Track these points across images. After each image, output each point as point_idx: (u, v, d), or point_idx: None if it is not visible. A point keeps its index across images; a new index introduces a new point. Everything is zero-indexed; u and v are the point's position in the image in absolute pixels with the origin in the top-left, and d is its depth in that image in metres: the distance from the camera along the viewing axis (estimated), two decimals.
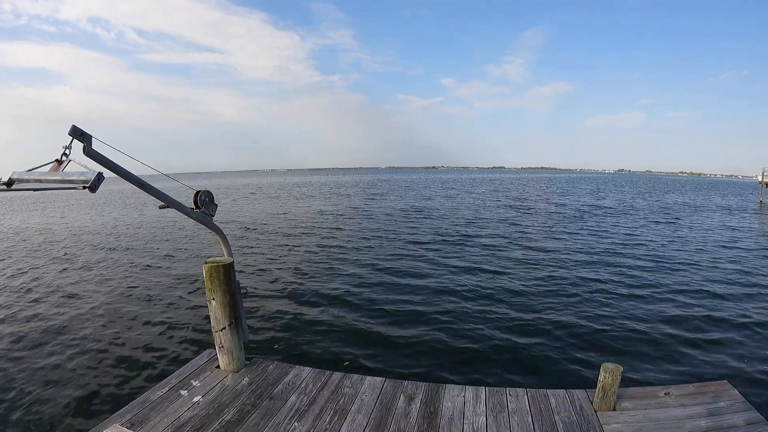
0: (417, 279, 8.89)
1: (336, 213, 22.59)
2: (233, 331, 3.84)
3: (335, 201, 31.24)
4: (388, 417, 3.21)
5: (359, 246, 12.81)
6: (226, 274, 3.74)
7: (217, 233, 3.92)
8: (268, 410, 3.30)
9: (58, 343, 5.94)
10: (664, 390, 3.48)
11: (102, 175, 2.60)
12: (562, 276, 9.06)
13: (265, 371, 3.94)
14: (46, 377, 4.95)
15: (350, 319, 6.68)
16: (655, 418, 3.11)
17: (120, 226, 18.79)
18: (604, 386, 3.21)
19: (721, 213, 23.69)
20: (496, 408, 3.30)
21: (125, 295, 8.13)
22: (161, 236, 15.57)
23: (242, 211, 24.54)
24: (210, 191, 3.71)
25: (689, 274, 9.34)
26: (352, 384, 3.69)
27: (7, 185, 2.66)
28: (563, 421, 3.12)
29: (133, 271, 10.11)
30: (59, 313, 7.16)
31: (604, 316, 6.65)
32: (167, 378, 3.83)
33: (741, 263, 10.52)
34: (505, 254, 11.37)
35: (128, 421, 3.12)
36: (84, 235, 16.18)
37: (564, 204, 28.00)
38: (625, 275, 9.12)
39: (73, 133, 2.51)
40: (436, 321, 6.53)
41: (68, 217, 23.10)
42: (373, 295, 7.81)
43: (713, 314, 6.76)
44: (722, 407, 3.18)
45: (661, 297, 7.62)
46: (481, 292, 7.92)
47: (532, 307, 7.09)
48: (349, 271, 9.71)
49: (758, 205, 30.65)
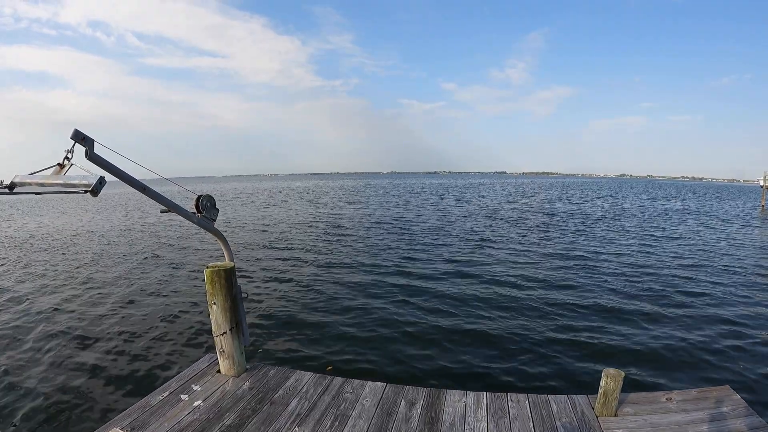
0: (417, 281, 8.88)
1: (338, 218, 22.61)
2: (234, 336, 3.84)
3: (338, 206, 31.28)
4: (389, 422, 3.19)
5: (361, 251, 12.82)
6: (228, 279, 3.73)
7: (219, 237, 3.93)
8: (268, 415, 3.29)
9: (58, 346, 5.94)
10: (665, 395, 3.46)
11: (104, 179, 2.61)
12: (562, 280, 9.06)
13: (266, 376, 3.93)
14: (47, 381, 4.95)
15: (352, 324, 6.67)
16: (657, 424, 3.09)
17: (121, 230, 18.84)
18: (605, 391, 3.19)
19: (721, 219, 23.62)
20: (498, 414, 3.28)
21: (126, 299, 8.13)
22: (162, 240, 15.59)
23: (243, 215, 24.58)
24: (211, 195, 3.72)
25: (689, 274, 9.32)
26: (353, 389, 3.67)
27: (10, 188, 2.68)
28: (565, 426, 3.10)
29: (134, 275, 10.12)
30: (59, 314, 7.17)
31: (605, 320, 6.63)
32: (168, 382, 3.82)
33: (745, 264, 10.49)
34: (508, 258, 11.36)
35: (129, 425, 3.11)
36: (84, 239, 16.23)
37: (563, 208, 27.98)
38: (625, 278, 9.10)
39: (75, 137, 2.52)
40: (438, 324, 6.52)
41: (68, 220, 23.16)
42: (374, 300, 7.80)
43: (712, 317, 6.74)
44: (724, 412, 3.15)
45: (660, 301, 7.59)
46: (483, 297, 7.91)
47: (531, 308, 7.08)
48: (350, 276, 9.70)
49: (760, 209, 30.59)
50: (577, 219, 21.40)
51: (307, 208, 29.54)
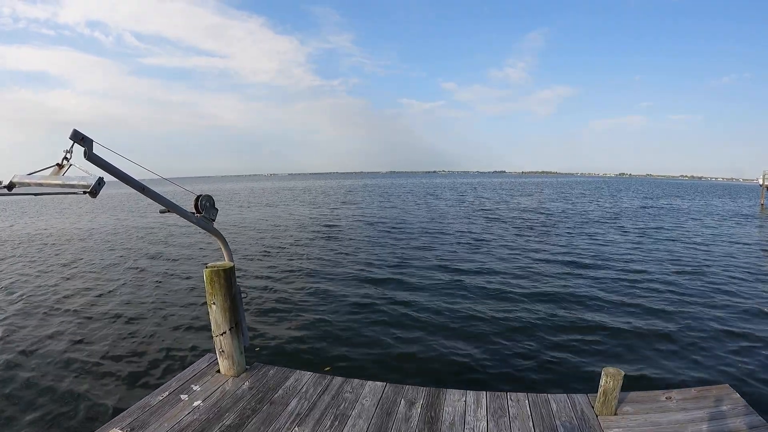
0: (417, 282, 8.88)
1: (336, 218, 22.60)
2: (234, 336, 3.84)
3: (336, 206, 31.26)
4: (388, 422, 3.19)
5: (361, 251, 12.82)
6: (227, 279, 3.73)
7: (218, 237, 3.92)
8: (268, 415, 3.29)
9: (57, 347, 5.93)
10: (665, 394, 3.47)
11: (103, 179, 2.60)
12: (562, 280, 9.07)
13: (266, 376, 3.93)
14: (46, 381, 4.94)
15: (352, 323, 6.67)
16: (657, 422, 3.09)
17: (120, 230, 18.81)
18: (605, 390, 3.20)
19: (720, 218, 23.65)
20: (497, 413, 3.28)
21: (125, 299, 8.12)
22: (161, 240, 15.57)
23: (244, 215, 24.56)
24: (211, 195, 3.72)
25: (688, 273, 9.33)
26: (352, 389, 3.67)
27: (8, 189, 2.67)
28: (564, 425, 3.10)
29: (133, 275, 10.10)
30: (58, 315, 7.15)
31: (604, 320, 6.64)
32: (167, 382, 3.82)
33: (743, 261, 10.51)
34: (505, 256, 11.37)
35: (128, 425, 3.11)
36: (83, 239, 16.19)
37: (560, 208, 28.01)
38: (623, 279, 9.11)
39: (74, 138, 2.51)
40: (437, 324, 6.52)
41: (67, 221, 23.12)
42: (375, 300, 7.79)
43: (712, 316, 6.75)
44: (724, 411, 3.16)
45: (660, 299, 7.60)
46: (481, 297, 7.92)
47: (530, 307, 7.09)
48: (351, 275, 9.70)
49: (759, 208, 30.64)
50: (574, 219, 21.42)
51: (302, 208, 29.51)
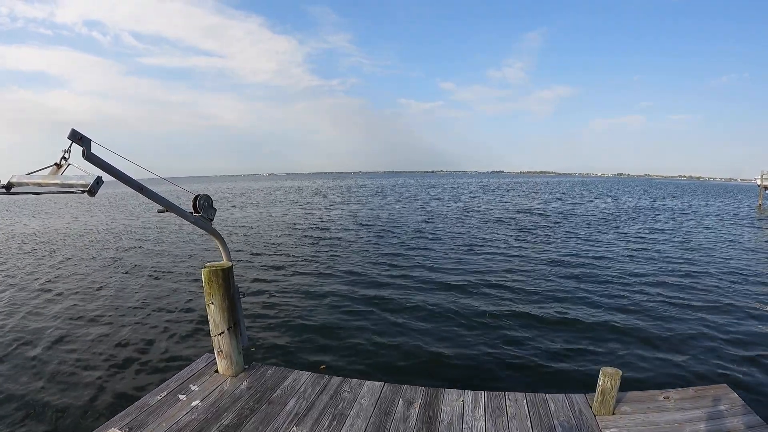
0: (414, 282, 8.89)
1: (333, 218, 22.59)
2: (232, 336, 3.83)
3: (335, 206, 31.25)
4: (387, 421, 3.20)
5: (358, 251, 12.82)
6: (225, 278, 3.73)
7: (216, 237, 3.92)
8: (266, 415, 3.28)
9: (56, 346, 5.92)
10: (663, 394, 3.47)
11: (101, 179, 2.60)
12: (562, 280, 9.08)
13: (264, 375, 3.92)
14: (44, 381, 4.93)
15: (350, 323, 6.67)
16: (655, 422, 3.10)
17: (117, 229, 18.77)
18: (603, 390, 3.20)
19: (718, 218, 23.72)
20: (495, 412, 3.29)
21: (123, 299, 8.10)
22: (159, 240, 15.55)
23: (242, 215, 24.54)
24: (209, 195, 3.72)
25: (687, 273, 9.35)
26: (350, 388, 3.67)
27: (6, 188, 2.66)
28: (562, 425, 3.11)
29: (131, 275, 10.09)
30: (56, 316, 7.14)
31: (602, 320, 6.65)
32: (165, 382, 3.81)
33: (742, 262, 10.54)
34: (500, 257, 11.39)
35: (126, 425, 3.10)
36: (81, 239, 16.16)
37: (557, 208, 28.05)
38: (622, 279, 9.13)
39: (72, 137, 2.51)
40: (435, 323, 6.53)
41: (65, 220, 23.06)
42: (374, 299, 7.80)
43: (710, 316, 6.77)
44: (722, 411, 3.17)
45: (658, 299, 7.62)
46: (485, 294, 7.93)
47: (531, 310, 7.10)
48: (349, 275, 9.70)
49: (757, 208, 30.72)
50: (572, 219, 21.46)
51: (296, 209, 29.47)
